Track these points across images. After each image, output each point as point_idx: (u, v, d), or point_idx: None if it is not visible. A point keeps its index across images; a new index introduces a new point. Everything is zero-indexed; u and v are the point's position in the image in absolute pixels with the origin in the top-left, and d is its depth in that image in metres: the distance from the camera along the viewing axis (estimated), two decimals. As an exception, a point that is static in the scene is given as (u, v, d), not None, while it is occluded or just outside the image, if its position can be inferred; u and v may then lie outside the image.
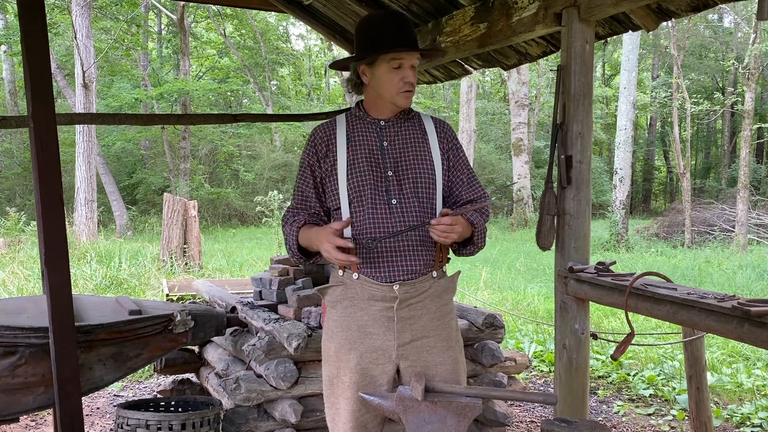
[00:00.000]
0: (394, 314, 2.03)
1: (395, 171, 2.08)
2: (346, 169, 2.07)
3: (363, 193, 2.05)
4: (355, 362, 2.04)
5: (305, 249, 2.12)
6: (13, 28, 16.39)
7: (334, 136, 2.12)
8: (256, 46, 24.37)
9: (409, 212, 2.06)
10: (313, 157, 2.13)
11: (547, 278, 9.12)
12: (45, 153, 2.23)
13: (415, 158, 2.11)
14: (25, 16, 2.21)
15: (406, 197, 2.07)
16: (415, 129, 2.16)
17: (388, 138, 2.12)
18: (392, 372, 2.05)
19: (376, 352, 2.04)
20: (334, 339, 2.09)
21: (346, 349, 2.06)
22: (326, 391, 2.15)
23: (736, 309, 1.88)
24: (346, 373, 2.05)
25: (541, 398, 1.95)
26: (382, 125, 2.14)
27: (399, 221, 2.04)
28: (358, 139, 2.12)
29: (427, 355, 2.06)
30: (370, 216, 2.04)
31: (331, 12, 4.61)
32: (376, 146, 2.11)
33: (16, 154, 20.34)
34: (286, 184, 21.95)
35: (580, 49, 2.69)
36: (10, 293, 7.06)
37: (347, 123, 2.16)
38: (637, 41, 15.51)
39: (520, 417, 4.11)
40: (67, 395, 2.29)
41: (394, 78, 2.05)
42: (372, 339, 2.04)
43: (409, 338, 2.05)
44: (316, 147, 2.13)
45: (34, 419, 3.95)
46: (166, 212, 9.98)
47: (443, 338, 2.09)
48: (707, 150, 31.02)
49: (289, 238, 2.12)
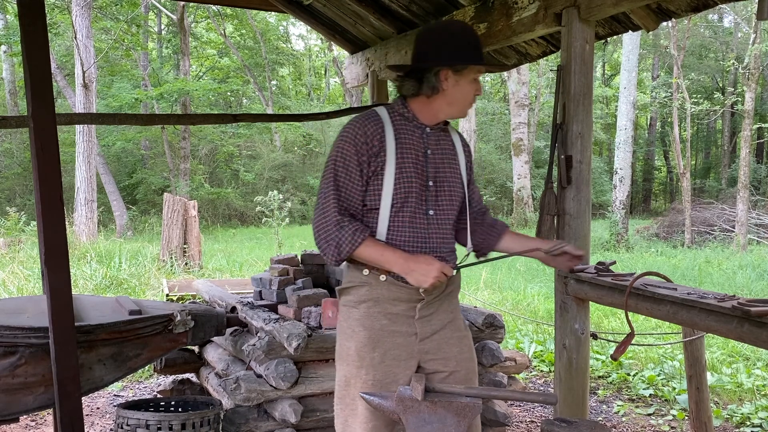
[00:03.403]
0: (416, 312, 2.08)
1: (435, 181, 2.09)
2: (395, 173, 2.02)
3: (408, 201, 2.04)
4: (379, 360, 2.05)
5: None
6: (13, 28, 16.38)
7: (384, 134, 2.04)
8: (256, 46, 24.38)
9: (442, 224, 2.10)
10: (364, 154, 2.01)
11: (547, 278, 9.12)
12: (45, 153, 2.23)
13: (450, 170, 2.13)
14: (25, 16, 2.21)
15: (442, 209, 2.10)
16: (448, 141, 2.17)
17: (431, 146, 2.11)
18: (414, 368, 2.09)
19: (398, 349, 2.07)
20: (355, 338, 2.08)
21: (369, 348, 2.06)
22: (341, 392, 2.13)
23: (736, 309, 1.88)
24: (369, 372, 2.05)
25: (541, 398, 1.95)
26: (428, 132, 2.12)
27: (434, 233, 2.08)
28: (405, 142, 2.06)
29: (446, 347, 2.12)
30: (409, 224, 2.05)
31: (331, 12, 4.61)
32: (421, 153, 2.08)
33: (16, 154, 20.34)
34: (286, 184, 21.95)
35: (580, 49, 2.69)
36: (10, 293, 7.06)
37: (392, 121, 2.08)
38: (637, 41, 15.51)
39: (520, 417, 4.11)
40: (67, 395, 2.29)
41: (471, 90, 2.08)
42: (395, 337, 2.07)
43: (429, 332, 2.10)
44: (369, 142, 2.02)
45: (34, 419, 3.95)
46: (166, 212, 9.98)
47: (457, 329, 2.17)
48: (707, 150, 31.02)
49: (345, 245, 1.98)
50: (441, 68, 2.03)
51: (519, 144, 18.85)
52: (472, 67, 2.04)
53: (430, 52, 2.04)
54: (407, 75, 2.10)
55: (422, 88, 2.06)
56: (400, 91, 2.13)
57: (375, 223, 2.05)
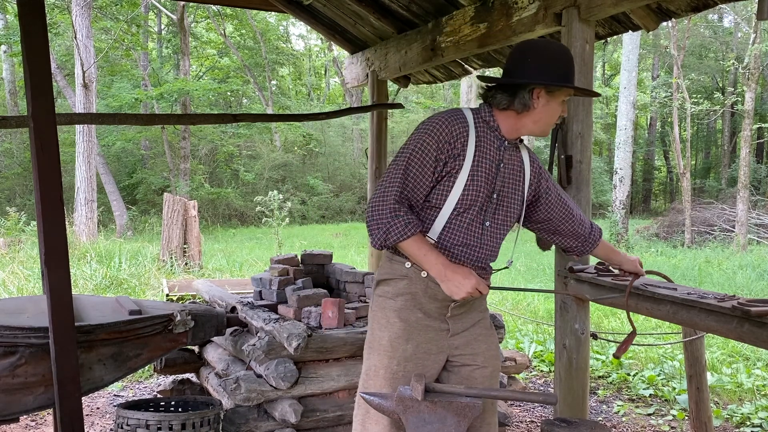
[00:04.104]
0: (449, 311, 2.12)
1: (498, 195, 2.11)
2: (467, 178, 2.02)
3: (471, 208, 2.05)
4: (412, 352, 2.08)
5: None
6: (13, 28, 16.39)
7: (467, 137, 2.03)
8: (256, 46, 24.38)
9: (494, 236, 2.14)
10: (444, 152, 2.01)
11: (547, 278, 9.12)
12: (45, 153, 2.23)
13: (514, 187, 2.14)
14: (25, 16, 2.21)
15: (497, 222, 2.13)
16: (518, 158, 2.17)
17: (504, 160, 2.11)
18: (443, 361, 2.14)
19: (430, 343, 2.11)
20: (390, 329, 2.10)
21: (403, 340, 2.08)
22: (368, 381, 2.13)
23: (736, 309, 1.88)
24: (400, 363, 2.08)
25: (541, 398, 1.95)
26: (506, 146, 2.11)
27: (486, 244, 2.12)
28: (484, 150, 2.06)
29: (474, 343, 2.17)
30: (465, 230, 2.06)
31: (331, 12, 4.61)
32: (494, 164, 2.09)
33: (16, 154, 20.34)
34: (286, 184, 21.95)
35: (580, 49, 2.69)
36: (10, 293, 7.06)
37: (476, 126, 2.07)
38: (637, 41, 15.51)
39: (520, 417, 4.11)
40: (67, 395, 2.29)
41: (557, 111, 2.09)
42: (428, 331, 2.10)
43: (460, 329, 2.15)
44: (453, 142, 2.01)
45: (34, 419, 3.95)
46: (166, 212, 9.98)
47: (485, 327, 2.23)
48: (707, 150, 31.02)
49: (393, 234, 1.96)
50: (536, 87, 2.03)
51: (519, 144, 18.83)
52: (566, 90, 2.07)
53: (528, 69, 2.03)
54: (500, 87, 2.09)
55: (514, 103, 2.05)
56: (486, 100, 2.12)
57: (432, 220, 2.05)
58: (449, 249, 2.06)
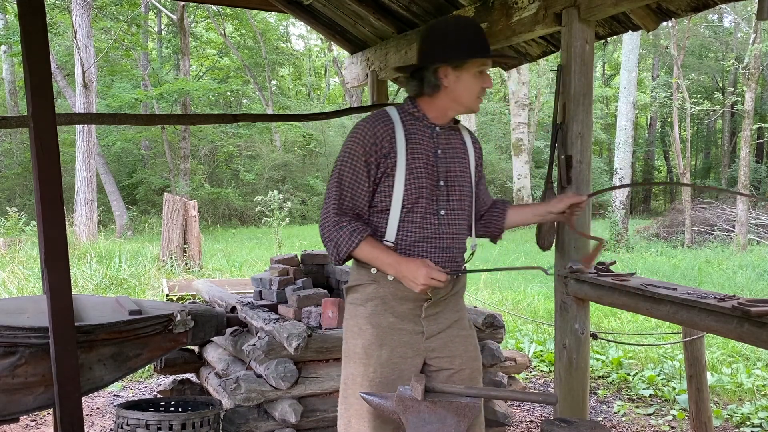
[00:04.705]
0: (422, 311, 2.08)
1: (445, 181, 2.08)
2: (405, 174, 2.01)
3: (419, 201, 2.03)
4: (386, 357, 2.05)
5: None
6: (13, 28, 16.38)
7: (394, 134, 2.03)
8: (256, 46, 24.37)
9: (453, 225, 2.10)
10: (372, 155, 2.01)
11: (547, 278, 9.12)
12: (45, 153, 2.23)
13: (460, 170, 2.12)
14: (25, 16, 2.21)
15: (453, 209, 2.09)
16: (458, 140, 2.16)
17: (441, 146, 2.10)
18: (420, 365, 2.10)
19: (405, 347, 2.07)
20: (362, 336, 2.08)
21: (376, 346, 2.05)
22: (347, 390, 2.12)
23: (736, 309, 1.88)
24: (376, 370, 2.05)
25: (541, 398, 1.95)
26: (438, 132, 2.10)
27: (445, 233, 2.07)
28: (416, 142, 2.05)
29: (451, 345, 2.13)
30: (419, 225, 2.04)
31: (331, 12, 4.61)
32: (431, 152, 2.07)
33: (16, 154, 20.34)
34: (286, 184, 21.94)
35: (580, 49, 2.69)
36: (10, 293, 7.06)
37: (402, 121, 2.07)
38: (637, 41, 15.51)
39: (520, 417, 4.11)
40: (67, 395, 2.29)
41: (477, 84, 2.05)
42: (401, 335, 2.07)
43: (435, 330, 2.11)
44: (378, 143, 2.01)
45: (34, 419, 3.95)
46: (166, 212, 9.98)
47: (463, 328, 2.18)
48: (707, 150, 31.02)
49: (344, 246, 1.99)
50: (439, 66, 2.02)
51: (519, 144, 18.84)
52: (473, 61, 2.02)
53: (428, 50, 2.03)
54: (411, 75, 2.09)
55: (424, 87, 2.05)
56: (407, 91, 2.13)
57: (385, 223, 2.04)
58: (408, 248, 2.04)
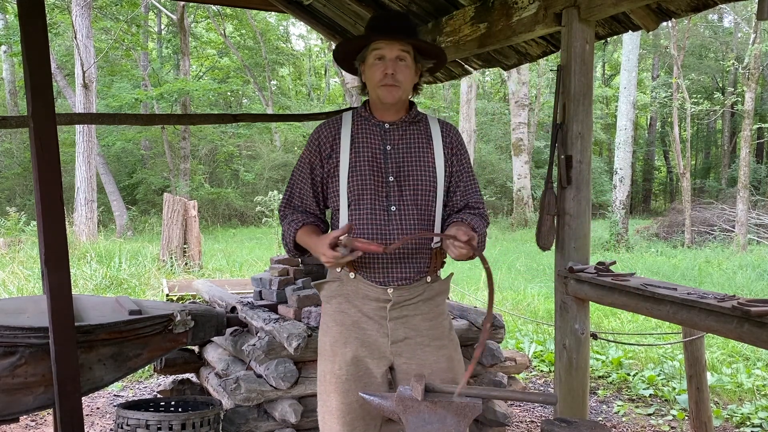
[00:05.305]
0: (387, 314, 2.06)
1: (396, 176, 2.06)
2: (348, 172, 2.05)
3: (363, 198, 2.03)
4: (351, 355, 2.05)
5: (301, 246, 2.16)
6: (13, 28, 16.37)
7: (338, 136, 2.09)
8: (256, 46, 24.37)
9: (407, 220, 2.05)
10: (315, 156, 2.11)
11: (547, 278, 9.12)
12: (45, 153, 2.23)
13: (417, 164, 2.08)
14: (25, 16, 2.21)
15: (406, 204, 2.05)
16: (420, 133, 2.13)
17: (391, 142, 2.10)
18: (386, 366, 2.08)
19: (370, 347, 2.06)
20: (329, 333, 2.10)
21: (341, 343, 2.06)
22: (320, 387, 2.14)
23: (736, 309, 1.88)
24: (342, 367, 2.05)
25: (541, 398, 1.95)
26: (387, 128, 2.11)
27: (397, 228, 2.03)
28: (361, 141, 2.08)
29: (420, 353, 2.07)
30: (369, 221, 2.03)
31: (331, 12, 4.60)
32: (379, 149, 2.08)
33: (16, 154, 20.34)
34: (285, 184, 21.92)
35: (580, 49, 2.69)
36: (10, 293, 7.06)
37: (353, 123, 2.12)
38: (637, 41, 15.51)
39: (520, 417, 4.11)
40: (67, 395, 2.29)
41: (377, 70, 2.02)
42: (366, 334, 2.06)
43: (402, 336, 2.07)
44: (320, 146, 2.10)
45: (34, 419, 3.95)
46: (166, 212, 9.98)
47: (436, 337, 2.10)
48: (707, 150, 31.02)
49: (287, 236, 2.15)
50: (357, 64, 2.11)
51: (519, 144, 18.85)
52: (370, 49, 2.03)
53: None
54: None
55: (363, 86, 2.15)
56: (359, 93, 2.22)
57: (339, 221, 2.08)
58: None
